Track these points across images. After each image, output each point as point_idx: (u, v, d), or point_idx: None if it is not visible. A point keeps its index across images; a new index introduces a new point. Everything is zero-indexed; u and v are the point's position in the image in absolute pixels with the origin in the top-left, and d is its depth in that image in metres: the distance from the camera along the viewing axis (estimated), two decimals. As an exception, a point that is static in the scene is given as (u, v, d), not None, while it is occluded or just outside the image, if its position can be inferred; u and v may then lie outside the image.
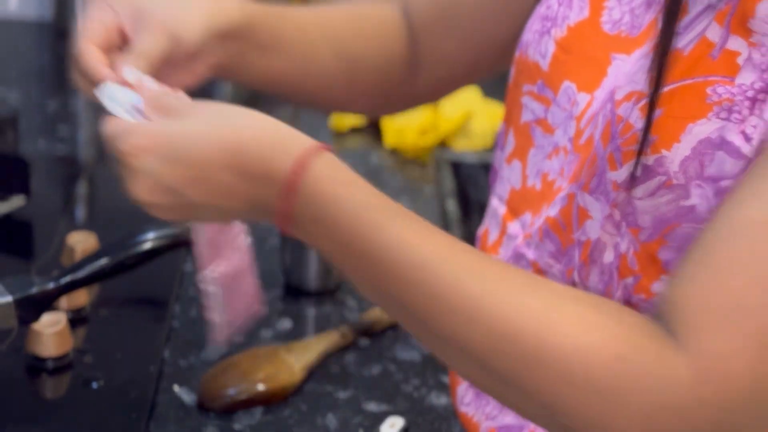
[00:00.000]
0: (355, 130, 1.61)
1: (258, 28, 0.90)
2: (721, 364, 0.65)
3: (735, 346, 0.65)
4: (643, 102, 0.73)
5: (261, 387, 1.01)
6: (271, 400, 1.01)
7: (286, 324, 1.14)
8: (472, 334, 0.69)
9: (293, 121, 1.68)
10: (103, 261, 0.99)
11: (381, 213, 0.71)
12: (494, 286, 0.69)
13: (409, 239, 0.70)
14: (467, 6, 0.97)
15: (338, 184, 0.71)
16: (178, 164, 0.72)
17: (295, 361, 1.05)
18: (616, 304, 0.72)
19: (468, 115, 1.57)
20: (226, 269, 0.84)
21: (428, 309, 0.70)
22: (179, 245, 1.02)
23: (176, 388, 1.02)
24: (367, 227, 0.70)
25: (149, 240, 0.99)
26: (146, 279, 1.08)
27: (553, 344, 0.67)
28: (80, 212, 1.35)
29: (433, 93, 1.06)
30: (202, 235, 0.82)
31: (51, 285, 0.95)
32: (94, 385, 1.01)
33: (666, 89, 0.72)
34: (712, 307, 0.66)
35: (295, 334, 1.13)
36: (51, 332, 1.02)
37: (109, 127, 0.75)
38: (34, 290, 0.94)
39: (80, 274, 0.97)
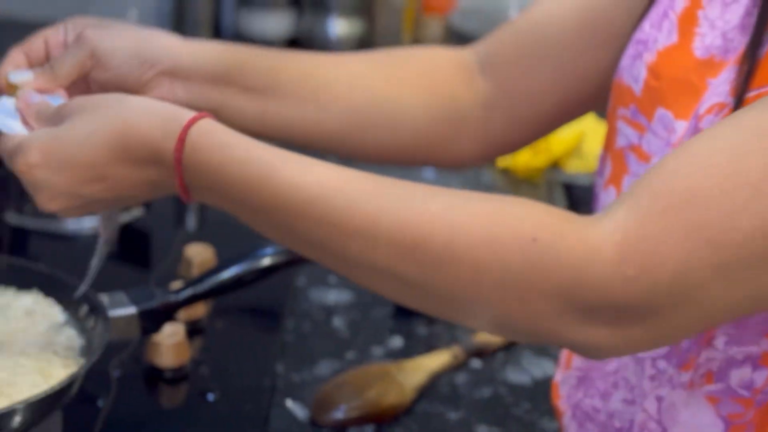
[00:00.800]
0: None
1: (243, 72, 0.90)
2: (649, 245, 0.66)
3: (668, 231, 0.66)
4: (726, 111, 0.73)
5: (372, 405, 1.02)
6: (381, 419, 1.02)
7: (397, 342, 1.16)
8: (377, 252, 0.70)
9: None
10: (223, 276, 1.01)
11: (262, 163, 0.73)
12: (390, 202, 0.71)
13: (295, 180, 0.72)
14: (554, 42, 0.93)
15: (215, 151, 0.73)
16: (69, 171, 0.75)
17: (406, 380, 1.06)
18: (523, 199, 0.72)
19: (581, 136, 1.57)
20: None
21: (332, 239, 0.71)
22: (297, 262, 1.03)
23: (289, 402, 1.04)
24: (253, 183, 0.73)
25: (268, 256, 1.01)
26: (260, 293, 1.09)
27: (462, 241, 0.69)
28: (192, 222, 1.37)
29: (518, 136, 0.98)
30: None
31: (173, 297, 0.97)
32: (210, 396, 1.03)
33: (750, 95, 0.72)
34: (661, 191, 0.67)
35: (405, 353, 1.13)
36: (170, 343, 1.05)
37: (1, 147, 0.79)
38: (157, 302, 0.96)
39: (201, 287, 0.99)
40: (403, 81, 0.94)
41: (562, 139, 1.55)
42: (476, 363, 1.12)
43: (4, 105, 0.81)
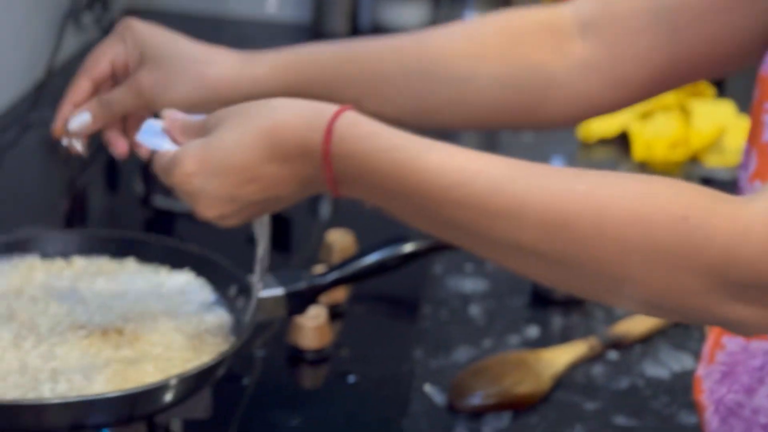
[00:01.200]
0: (603, 142, 1.61)
1: (306, 87, 0.93)
2: None
3: None
4: None
5: (509, 392, 1.03)
6: (518, 406, 1.03)
7: (533, 332, 1.16)
8: (524, 231, 0.70)
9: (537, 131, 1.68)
10: (367, 261, 1.03)
11: (406, 151, 0.74)
12: (537, 182, 0.71)
13: (440, 165, 0.72)
14: (676, 2, 0.90)
15: (361, 140, 0.74)
16: (224, 175, 0.78)
17: (543, 369, 1.07)
18: (671, 179, 0.71)
19: (721, 130, 1.55)
20: None
21: (478, 221, 0.72)
22: (437, 249, 1.05)
23: (427, 387, 1.06)
24: (398, 169, 0.73)
25: (410, 243, 1.03)
26: (397, 280, 1.11)
27: (611, 219, 0.68)
28: (327, 209, 1.39)
29: (615, 99, 0.96)
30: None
31: (319, 281, 1.00)
32: (350, 378, 1.06)
33: None
34: None
35: (541, 342, 1.14)
36: (312, 325, 1.08)
37: (155, 165, 0.82)
38: (304, 285, 0.99)
39: (346, 272, 1.01)
40: (487, 52, 0.95)
41: (700, 132, 1.54)
42: (613, 355, 1.12)
43: (151, 127, 0.85)
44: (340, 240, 1.23)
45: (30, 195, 1.42)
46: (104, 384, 0.85)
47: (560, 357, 1.09)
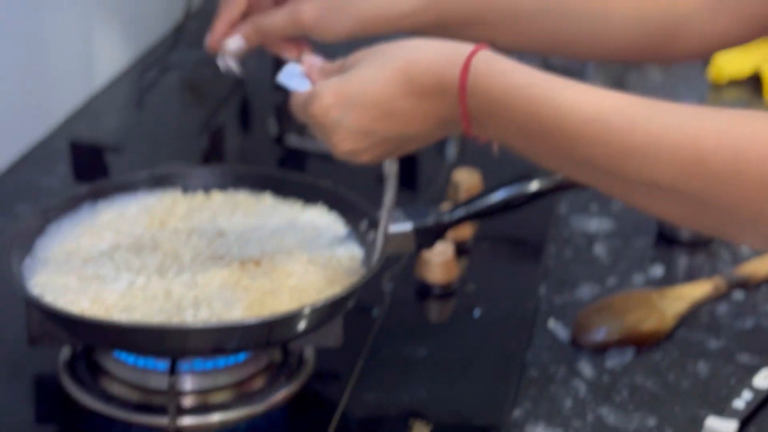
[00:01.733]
0: (734, 83, 1.59)
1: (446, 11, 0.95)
2: None
3: None
4: None
5: (633, 329, 1.05)
6: (642, 343, 1.05)
7: (657, 271, 1.17)
8: (659, 168, 0.71)
9: (668, 70, 1.68)
10: (493, 199, 1.05)
11: (542, 87, 0.75)
12: (672, 119, 0.71)
13: (575, 101, 0.74)
14: None
15: (497, 76, 0.76)
16: (361, 108, 0.79)
17: (667, 307, 1.08)
18: None
19: None
20: None
21: (611, 158, 0.72)
22: (562, 188, 1.06)
23: (551, 323, 1.08)
24: (534, 105, 0.74)
25: (535, 181, 1.04)
26: (522, 219, 1.12)
27: (749, 155, 0.68)
28: (453, 149, 1.41)
29: (742, 34, 0.96)
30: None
31: (446, 217, 1.02)
32: (476, 313, 1.09)
33: None
34: None
35: (665, 282, 1.15)
36: (439, 261, 1.11)
37: (292, 103, 0.84)
38: (431, 220, 1.02)
39: (472, 209, 1.03)
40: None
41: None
42: (738, 295, 1.12)
43: (290, 70, 0.88)
44: (466, 178, 1.25)
45: (170, 133, 1.47)
46: (242, 311, 0.89)
47: (684, 296, 1.10)
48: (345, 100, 0.80)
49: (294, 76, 0.88)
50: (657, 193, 0.73)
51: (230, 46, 0.99)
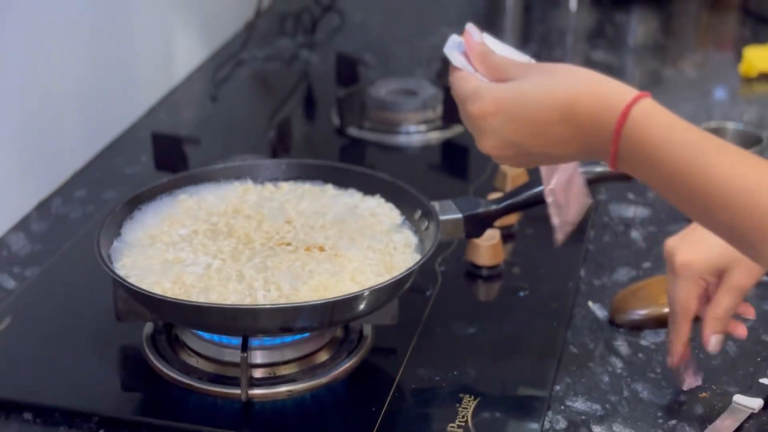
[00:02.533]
0: (764, 76, 1.57)
1: None
2: None
3: None
4: None
5: (667, 310, 1.04)
6: (674, 323, 1.04)
7: (690, 255, 1.16)
8: None
9: (702, 65, 1.66)
10: (537, 189, 1.05)
11: (696, 149, 0.73)
12: None
13: (727, 170, 0.72)
14: None
15: (653, 130, 0.74)
16: (519, 123, 0.78)
17: (699, 290, 1.07)
18: None
19: None
20: (561, 178, 0.91)
21: (753, 231, 0.71)
22: (603, 180, 1.05)
23: (590, 303, 1.08)
24: (686, 166, 0.73)
25: (577, 173, 1.04)
26: (565, 204, 1.13)
27: None
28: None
29: None
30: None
31: (494, 207, 1.03)
32: (521, 293, 1.09)
33: None
34: None
35: (697, 266, 1.14)
36: (487, 245, 1.11)
37: (456, 85, 0.81)
38: (481, 210, 1.02)
39: (518, 199, 1.03)
40: None
41: None
42: (765, 278, 1.11)
43: (454, 41, 0.84)
44: (513, 170, 1.25)
45: (241, 123, 1.49)
46: (308, 293, 0.91)
47: (715, 279, 1.09)
48: (505, 111, 0.78)
49: (455, 48, 0.83)
50: None
51: None
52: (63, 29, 1.28)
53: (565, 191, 0.93)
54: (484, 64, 0.82)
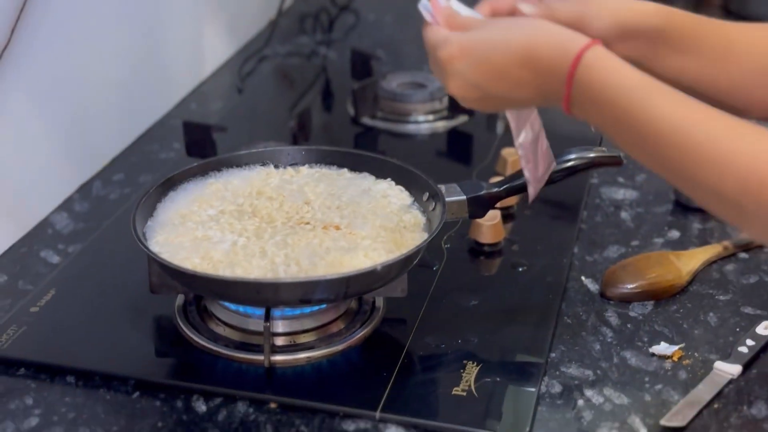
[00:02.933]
0: None
1: (672, 32, 0.86)
2: None
3: None
4: None
5: (653, 284, 1.03)
6: (660, 296, 1.03)
7: (674, 234, 1.15)
8: (724, 184, 0.70)
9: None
10: (535, 173, 1.04)
11: (641, 91, 0.73)
12: (745, 143, 0.69)
13: (667, 111, 0.72)
14: None
15: (603, 72, 0.74)
16: (482, 66, 0.78)
17: (683, 265, 1.06)
18: None
19: None
20: (528, 136, 0.90)
21: (686, 165, 0.71)
22: (594, 166, 1.04)
23: (583, 278, 1.07)
24: (631, 106, 0.73)
25: (572, 159, 1.02)
26: (560, 188, 1.10)
27: None
28: (500, 128, 1.39)
29: None
30: (511, 116, 0.88)
31: (495, 189, 1.01)
32: (520, 269, 1.08)
33: None
34: None
35: (681, 244, 1.13)
36: (489, 224, 1.10)
37: (427, 36, 0.82)
38: (483, 192, 1.01)
39: (517, 183, 1.02)
40: None
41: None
42: (744, 255, 1.10)
43: (425, 3, 0.84)
44: (512, 154, 1.24)
45: (265, 113, 1.48)
46: (325, 268, 0.90)
47: (697, 256, 1.08)
48: (470, 55, 0.79)
49: (428, 9, 0.84)
50: (719, 202, 0.72)
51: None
52: (103, 29, 1.27)
53: (533, 149, 0.92)
54: (451, 26, 0.82)
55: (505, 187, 1.02)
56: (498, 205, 1.07)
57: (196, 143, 1.27)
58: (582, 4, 0.86)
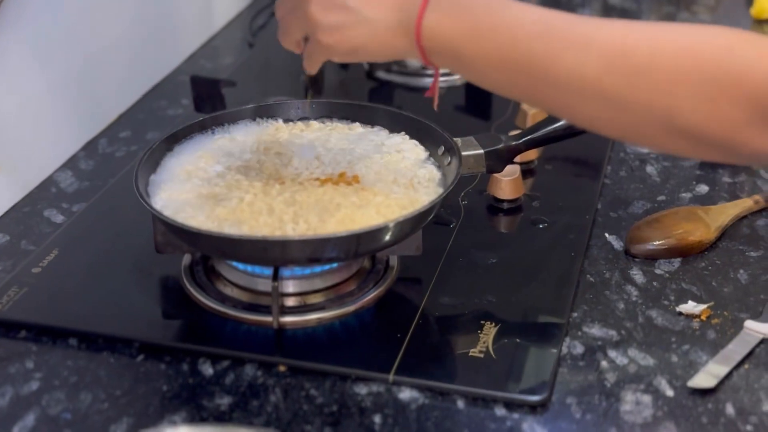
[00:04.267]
0: (775, 19, 1.50)
1: None
2: None
3: None
4: None
5: (680, 240, 0.99)
6: (688, 253, 0.99)
7: (702, 189, 1.11)
8: (588, 63, 0.68)
9: (714, 9, 1.58)
10: (556, 126, 1.00)
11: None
12: (602, 23, 0.69)
13: (527, 8, 0.72)
14: None
15: None
16: None
17: (711, 221, 1.02)
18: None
19: None
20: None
21: (547, 52, 0.69)
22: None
23: (607, 235, 1.03)
24: (489, 6, 0.72)
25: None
26: (583, 143, 1.06)
27: (663, 50, 0.66)
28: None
29: None
30: None
31: (514, 142, 0.97)
32: (540, 225, 1.04)
33: None
34: None
35: (710, 199, 1.09)
36: (508, 180, 1.06)
37: None
38: (501, 146, 0.97)
39: (537, 135, 0.99)
40: None
41: None
42: (776, 210, 1.06)
43: None
44: (532, 108, 1.19)
45: (277, 69, 1.43)
46: (335, 225, 0.86)
47: (727, 211, 1.04)
48: None
49: None
50: (583, 92, 0.69)
51: None
52: (106, -21, 1.23)
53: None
54: None
55: (524, 139, 0.98)
56: (517, 159, 1.03)
57: (204, 99, 1.24)
58: None
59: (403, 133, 1.00)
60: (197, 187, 0.93)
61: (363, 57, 0.80)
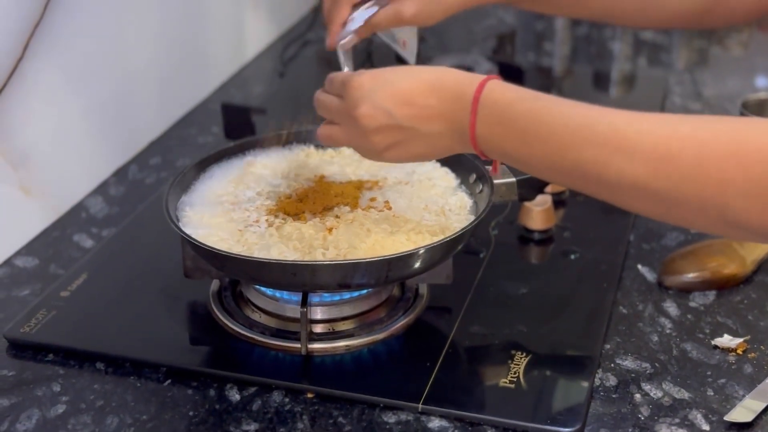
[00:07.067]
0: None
1: None
2: None
3: None
4: None
5: (716, 273, 0.97)
6: (723, 286, 0.97)
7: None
8: (635, 168, 0.68)
9: (747, 44, 1.56)
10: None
11: (542, 101, 0.74)
12: (647, 125, 0.69)
13: (568, 109, 0.73)
14: None
15: (506, 93, 0.76)
16: (390, 89, 0.79)
17: (747, 254, 1.00)
18: (764, 118, 0.67)
19: None
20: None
21: (596, 159, 0.70)
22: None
23: (639, 266, 1.01)
24: (534, 114, 0.74)
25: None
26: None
27: (709, 155, 0.66)
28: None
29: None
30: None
31: (547, 171, 0.96)
32: (572, 256, 1.03)
33: None
34: None
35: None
36: (539, 210, 1.05)
37: (337, 75, 0.85)
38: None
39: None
40: None
41: None
42: (813, 244, 1.04)
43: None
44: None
45: (307, 98, 1.43)
46: (366, 251, 0.85)
47: (762, 245, 1.02)
48: (378, 80, 0.80)
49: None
50: (635, 193, 0.70)
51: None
52: (143, 10, 1.24)
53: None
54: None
55: (557, 168, 0.96)
56: (548, 190, 1.02)
57: (235, 126, 1.24)
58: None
59: (433, 161, 1.00)
60: (227, 211, 0.92)
61: (422, 161, 0.92)
